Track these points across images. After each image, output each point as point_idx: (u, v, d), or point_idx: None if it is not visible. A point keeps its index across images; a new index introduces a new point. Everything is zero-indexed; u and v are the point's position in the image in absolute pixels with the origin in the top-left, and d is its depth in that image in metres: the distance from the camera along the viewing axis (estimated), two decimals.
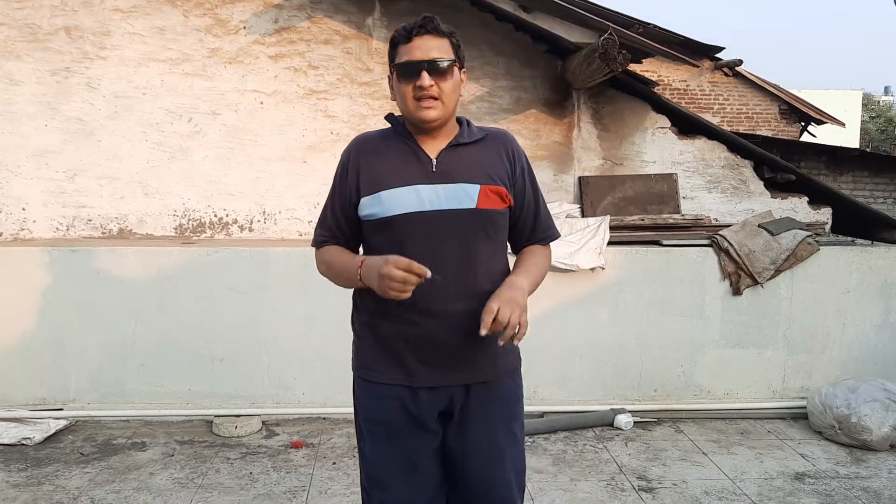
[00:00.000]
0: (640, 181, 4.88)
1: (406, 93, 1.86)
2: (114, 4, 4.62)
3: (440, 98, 1.85)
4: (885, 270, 4.49)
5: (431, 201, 1.87)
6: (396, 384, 1.94)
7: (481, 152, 1.95)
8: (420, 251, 1.82)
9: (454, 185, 1.88)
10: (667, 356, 4.46)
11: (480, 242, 1.91)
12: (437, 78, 1.84)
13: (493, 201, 1.91)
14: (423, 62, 1.84)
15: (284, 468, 3.68)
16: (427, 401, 1.93)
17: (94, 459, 3.76)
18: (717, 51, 12.11)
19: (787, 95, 13.81)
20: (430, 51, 1.85)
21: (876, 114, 38.14)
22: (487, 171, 1.92)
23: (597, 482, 3.57)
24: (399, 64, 1.87)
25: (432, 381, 1.92)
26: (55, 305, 4.22)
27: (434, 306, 1.88)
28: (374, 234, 1.94)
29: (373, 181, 1.91)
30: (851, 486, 3.56)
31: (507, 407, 2.00)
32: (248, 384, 4.30)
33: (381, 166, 1.92)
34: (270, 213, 4.80)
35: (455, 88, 1.89)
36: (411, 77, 1.84)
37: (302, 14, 4.73)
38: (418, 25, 1.87)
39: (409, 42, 1.86)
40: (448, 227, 1.87)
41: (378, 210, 1.89)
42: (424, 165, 1.90)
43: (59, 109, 4.64)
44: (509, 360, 2.01)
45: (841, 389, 4.17)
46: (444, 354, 1.91)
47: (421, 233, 1.87)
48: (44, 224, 4.67)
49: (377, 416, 1.98)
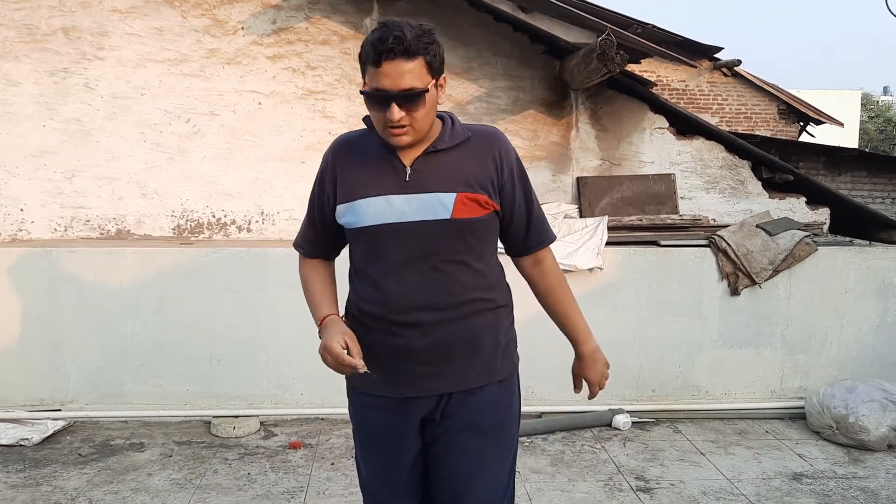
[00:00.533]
0: (638, 181, 4.88)
1: (376, 119, 1.78)
2: (112, 5, 4.62)
3: (412, 125, 1.75)
4: (883, 271, 4.50)
5: (403, 212, 1.80)
6: (378, 394, 1.92)
7: (462, 157, 1.85)
8: (396, 261, 1.81)
9: (428, 195, 1.80)
10: (665, 356, 4.46)
11: (461, 252, 1.84)
12: (408, 107, 1.72)
13: (471, 209, 1.81)
14: (391, 96, 1.70)
15: (282, 469, 3.68)
16: (409, 410, 1.90)
17: (92, 460, 3.76)
18: (715, 51, 12.12)
19: (786, 95, 13.84)
20: (402, 77, 1.69)
21: (875, 114, 38.16)
22: (467, 177, 1.83)
23: (595, 482, 3.57)
24: (366, 93, 1.75)
25: (413, 391, 1.89)
26: (53, 306, 4.22)
27: (413, 317, 1.83)
28: (353, 241, 1.92)
29: (348, 189, 1.86)
30: (849, 486, 3.57)
31: (492, 416, 1.94)
32: (247, 385, 4.30)
33: (357, 173, 1.86)
34: (269, 214, 4.80)
35: (429, 111, 1.77)
36: (380, 107, 1.73)
37: (300, 15, 4.73)
38: (388, 49, 1.66)
39: (378, 67, 1.69)
40: (423, 239, 1.81)
41: (352, 219, 1.85)
42: (398, 173, 1.82)
43: (57, 110, 4.64)
44: (496, 369, 1.95)
45: (839, 390, 4.17)
46: (426, 364, 1.86)
47: (396, 243, 1.82)
48: (42, 225, 4.67)
49: (362, 425, 2.00)
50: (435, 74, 1.76)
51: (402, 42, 1.67)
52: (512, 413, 1.99)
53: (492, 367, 1.93)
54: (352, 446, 3.91)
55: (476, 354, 1.89)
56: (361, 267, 1.90)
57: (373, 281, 1.87)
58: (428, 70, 1.73)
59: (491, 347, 1.92)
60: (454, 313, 1.84)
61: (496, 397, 1.95)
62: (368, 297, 1.89)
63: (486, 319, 1.90)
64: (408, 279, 1.82)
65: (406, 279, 1.82)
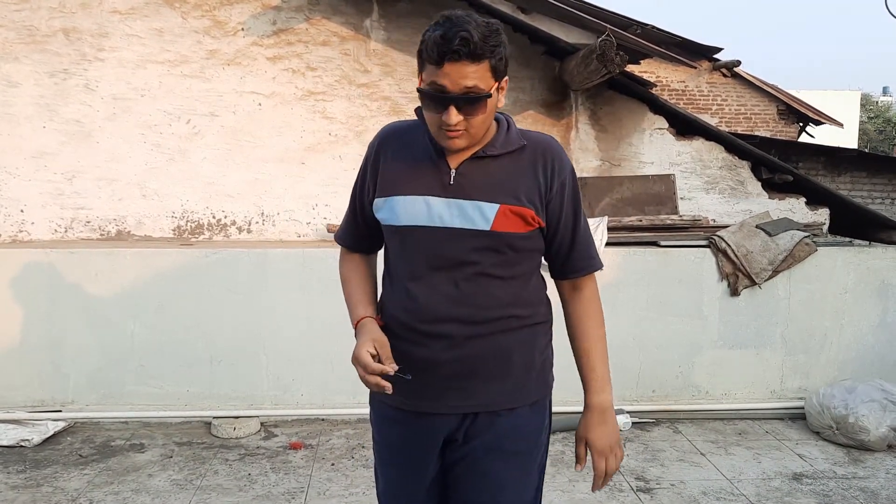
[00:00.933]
0: (637, 182, 4.89)
1: (431, 120, 1.64)
2: (112, 6, 4.63)
3: (468, 130, 1.62)
4: (883, 271, 4.50)
5: (442, 217, 1.69)
6: (399, 407, 1.81)
7: (512, 166, 1.72)
8: (428, 266, 1.72)
9: (469, 203, 1.68)
10: (665, 357, 4.46)
11: (497, 266, 1.72)
12: (467, 112, 1.58)
13: (514, 223, 1.69)
14: (452, 98, 1.57)
15: (283, 469, 3.68)
16: (430, 427, 1.79)
17: (92, 461, 3.77)
18: (715, 51, 12.15)
19: (786, 96, 13.85)
20: (465, 79, 1.55)
21: (874, 114, 38.17)
22: (514, 188, 1.70)
23: None
24: (423, 91, 1.60)
25: (435, 407, 1.77)
26: (53, 307, 4.22)
27: (441, 329, 1.71)
28: (388, 239, 1.82)
29: (388, 183, 1.76)
30: (849, 486, 3.57)
31: (518, 441, 1.80)
32: (247, 385, 4.31)
33: (399, 167, 1.75)
34: (269, 215, 4.81)
35: (487, 118, 1.64)
36: (437, 108, 1.59)
37: (300, 16, 4.74)
38: (452, 50, 1.52)
39: (440, 66, 1.55)
40: (458, 247, 1.69)
41: (388, 216, 1.75)
42: (442, 175, 1.70)
43: (58, 111, 4.64)
44: (528, 390, 1.81)
45: (839, 390, 4.17)
46: (450, 379, 1.75)
47: (429, 249, 1.71)
48: (42, 226, 4.68)
49: (382, 438, 1.90)
50: (498, 78, 1.63)
51: (469, 44, 1.53)
52: (541, 439, 1.87)
53: (523, 388, 1.80)
54: (352, 447, 3.93)
55: (506, 374, 1.77)
56: (393, 268, 1.81)
57: (403, 285, 1.77)
58: (492, 74, 1.60)
59: (523, 367, 1.79)
60: (485, 328, 1.72)
61: (525, 421, 1.81)
62: (397, 302, 1.78)
63: (520, 337, 1.77)
64: (439, 288, 1.71)
65: (437, 287, 1.71)
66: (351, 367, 1.83)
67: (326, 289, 4.24)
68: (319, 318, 4.24)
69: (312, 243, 4.63)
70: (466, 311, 1.71)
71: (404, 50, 4.76)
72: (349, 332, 2.07)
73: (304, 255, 4.26)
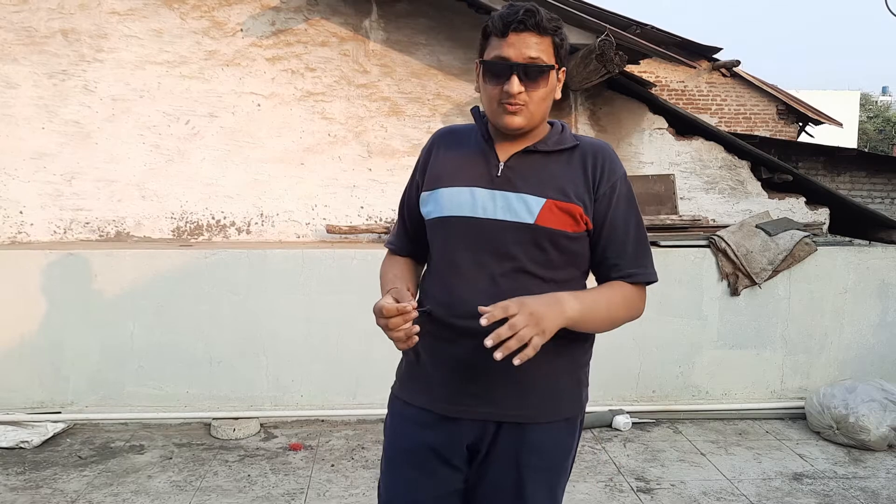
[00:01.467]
0: (637, 182, 4.88)
1: (491, 94, 1.62)
2: (111, 7, 4.63)
3: (528, 105, 1.60)
4: (883, 270, 4.50)
5: (486, 208, 1.65)
6: (421, 407, 1.73)
7: (562, 164, 1.68)
8: (468, 259, 1.66)
9: (515, 195, 1.64)
10: (665, 357, 4.46)
11: (541, 265, 1.65)
12: (528, 84, 1.58)
13: (560, 220, 1.63)
14: (516, 65, 1.57)
15: (283, 470, 3.68)
16: (453, 432, 1.70)
17: (92, 462, 3.76)
18: (714, 51, 12.13)
19: (785, 96, 13.85)
20: (528, 50, 1.57)
21: (874, 114, 38.19)
22: (562, 185, 1.65)
23: (595, 483, 3.57)
24: (487, 61, 1.61)
25: (458, 411, 1.69)
26: (53, 308, 4.22)
27: (471, 324, 1.57)
28: (432, 235, 1.76)
29: (435, 176, 1.73)
30: (849, 486, 3.57)
31: (545, 458, 1.70)
32: (247, 386, 4.30)
33: (448, 162, 1.74)
34: (268, 216, 4.80)
35: (548, 96, 1.64)
36: (499, 79, 1.59)
37: (299, 16, 4.73)
38: (517, 20, 1.56)
39: (504, 37, 1.57)
40: (500, 241, 1.64)
41: (433, 208, 1.71)
42: (490, 168, 1.68)
43: (57, 112, 4.64)
44: (560, 406, 1.71)
45: (839, 390, 4.17)
46: (478, 382, 1.66)
47: (470, 240, 1.66)
48: (41, 227, 4.67)
49: (397, 439, 1.80)
50: (560, 61, 1.64)
51: (535, 16, 1.57)
52: (570, 459, 1.77)
53: (558, 402, 1.71)
54: (352, 448, 3.92)
55: (538, 384, 1.67)
56: (435, 264, 1.75)
57: (441, 278, 1.71)
58: (555, 53, 1.62)
59: (557, 380, 1.70)
60: None
61: (557, 439, 1.72)
62: (433, 294, 1.72)
63: (557, 346, 1.59)
64: (476, 282, 1.65)
65: (474, 281, 1.65)
66: (351, 367, 1.79)
67: (326, 289, 4.25)
68: (319, 319, 4.24)
69: (312, 244, 4.63)
70: None
71: (403, 50, 4.75)
72: (349, 333, 2.07)
73: (304, 256, 4.26)
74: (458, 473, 1.73)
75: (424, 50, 4.76)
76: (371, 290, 1.93)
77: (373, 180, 4.83)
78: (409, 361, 1.80)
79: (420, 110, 4.84)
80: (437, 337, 1.68)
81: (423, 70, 4.80)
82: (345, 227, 4.73)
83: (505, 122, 1.62)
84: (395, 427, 1.81)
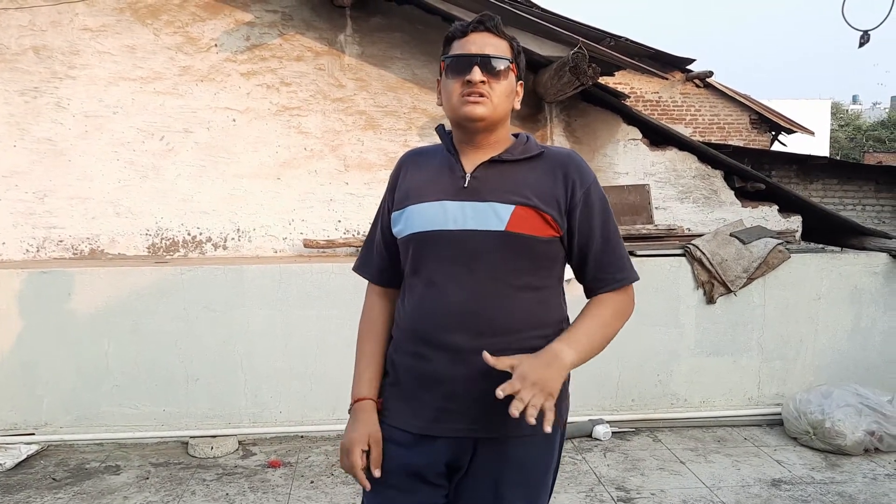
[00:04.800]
0: (613, 192, 4.92)
1: (453, 89, 1.66)
2: (83, 24, 4.59)
3: (489, 96, 1.64)
4: (855, 276, 4.56)
5: (456, 219, 1.65)
6: (398, 427, 1.72)
7: (529, 170, 1.69)
8: (442, 273, 1.65)
9: (483, 204, 1.64)
10: (643, 366, 4.48)
11: (513, 273, 1.64)
12: (489, 76, 1.64)
13: (531, 226, 1.63)
14: (476, 56, 1.64)
15: (262, 488, 3.64)
16: (431, 451, 1.69)
17: (66, 484, 3.70)
18: (687, 62, 12.28)
19: (758, 105, 14.03)
20: (486, 47, 1.65)
21: (844, 122, 38.79)
22: (530, 191, 1.65)
23: (576, 494, 3.57)
24: (449, 56, 1.68)
25: (436, 430, 1.68)
26: (26, 328, 4.15)
27: (447, 339, 1.63)
28: (404, 253, 1.74)
29: (404, 196, 1.74)
30: (827, 490, 3.60)
31: (524, 473, 1.69)
32: (224, 404, 4.26)
33: (416, 179, 1.75)
34: (245, 231, 4.77)
35: (508, 93, 1.68)
36: (461, 72, 1.64)
37: (273, 31, 4.73)
38: (477, 21, 1.68)
39: (465, 37, 1.67)
40: (472, 252, 1.63)
41: (403, 226, 1.71)
42: (457, 180, 1.69)
43: (28, 130, 4.59)
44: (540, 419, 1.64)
45: (815, 395, 4.22)
46: (455, 399, 1.65)
47: (443, 253, 1.65)
48: (13, 246, 4.61)
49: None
50: (518, 68, 1.72)
51: (493, 20, 1.68)
52: (551, 474, 1.77)
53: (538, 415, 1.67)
54: (332, 463, 3.89)
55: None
56: (408, 280, 1.75)
57: (415, 294, 1.71)
58: (512, 55, 1.70)
59: None
60: (496, 342, 1.61)
61: (536, 454, 1.71)
62: (408, 311, 1.72)
63: None
64: (451, 294, 1.64)
65: (449, 294, 1.64)
66: (329, 382, 1.79)
67: (304, 304, 4.22)
68: (297, 334, 4.21)
69: (289, 259, 4.61)
70: (476, 321, 1.63)
71: (378, 64, 4.76)
72: (328, 348, 2.05)
73: (281, 271, 4.23)
74: (438, 490, 1.73)
75: (400, 63, 4.78)
76: (349, 304, 1.91)
77: (350, 194, 4.83)
78: (390, 383, 1.78)
79: (396, 123, 4.85)
80: (414, 355, 1.69)
81: (398, 84, 4.81)
82: (322, 241, 4.72)
83: (467, 111, 1.64)
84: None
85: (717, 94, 13.59)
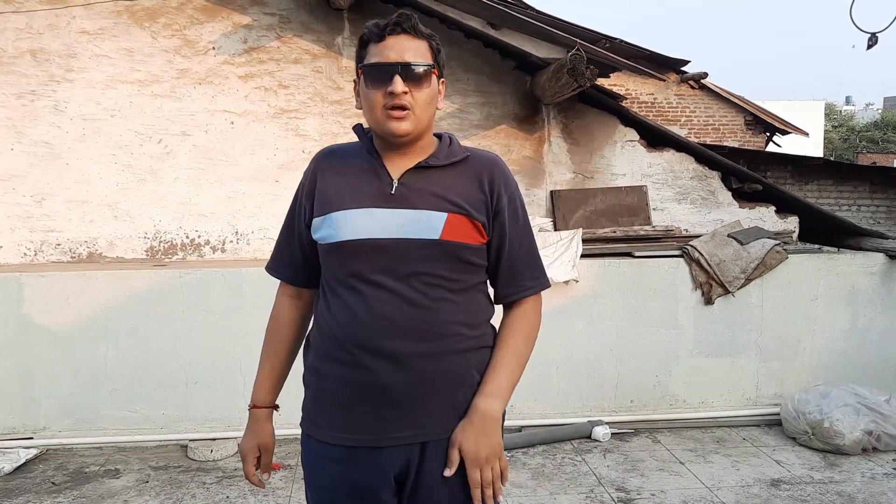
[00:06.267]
0: (611, 194, 4.93)
1: (374, 100, 1.59)
2: (80, 27, 4.59)
3: (412, 109, 1.58)
4: (852, 277, 4.58)
5: (386, 228, 1.61)
6: (339, 444, 1.66)
7: (455, 176, 1.67)
8: (374, 281, 1.61)
9: (416, 212, 1.61)
10: (642, 367, 4.49)
11: (446, 279, 1.63)
12: (411, 85, 1.57)
13: (464, 233, 1.63)
14: (397, 65, 1.56)
15: (262, 491, 3.64)
16: (376, 464, 1.64)
17: (66, 489, 3.69)
18: (682, 64, 12.29)
19: (752, 107, 14.08)
20: (406, 52, 1.58)
21: (838, 123, 38.96)
22: (459, 198, 1.64)
23: (576, 495, 3.57)
24: (368, 65, 1.60)
25: (382, 440, 1.63)
26: (24, 332, 4.14)
27: (387, 346, 1.59)
28: (328, 260, 1.68)
29: (325, 200, 1.68)
30: (826, 490, 3.61)
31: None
32: (224, 406, 4.25)
33: (337, 184, 1.68)
34: (243, 234, 4.77)
35: (431, 99, 1.63)
36: (382, 82, 1.57)
37: (271, 34, 4.73)
38: (393, 23, 1.58)
39: (382, 41, 1.59)
40: (406, 259, 1.61)
41: (328, 233, 1.65)
42: (383, 186, 1.64)
43: (26, 133, 4.58)
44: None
45: (813, 395, 4.23)
46: (397, 406, 1.62)
47: (375, 261, 1.61)
48: (11, 249, 4.60)
49: (317, 481, 1.73)
50: (439, 67, 1.65)
51: (410, 20, 1.60)
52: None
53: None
54: None
55: (456, 398, 1.65)
56: (333, 288, 1.68)
57: (344, 302, 1.64)
58: (433, 56, 1.63)
59: (472, 390, 1.67)
60: (436, 347, 1.62)
61: None
62: (337, 320, 1.65)
63: (470, 358, 1.66)
64: (385, 303, 1.61)
65: (383, 302, 1.61)
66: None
67: None
68: None
69: None
70: (416, 327, 1.61)
71: None
72: None
73: None
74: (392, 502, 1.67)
75: None
76: None
77: None
78: (316, 395, 1.75)
79: None
80: (349, 364, 1.64)
81: None
82: None
83: (391, 128, 1.59)
84: (315, 467, 1.74)
85: (711, 96, 13.63)
